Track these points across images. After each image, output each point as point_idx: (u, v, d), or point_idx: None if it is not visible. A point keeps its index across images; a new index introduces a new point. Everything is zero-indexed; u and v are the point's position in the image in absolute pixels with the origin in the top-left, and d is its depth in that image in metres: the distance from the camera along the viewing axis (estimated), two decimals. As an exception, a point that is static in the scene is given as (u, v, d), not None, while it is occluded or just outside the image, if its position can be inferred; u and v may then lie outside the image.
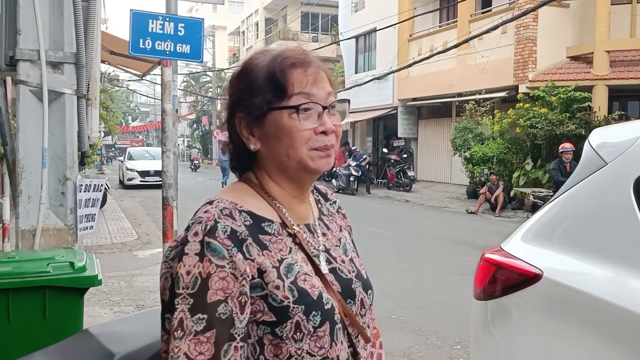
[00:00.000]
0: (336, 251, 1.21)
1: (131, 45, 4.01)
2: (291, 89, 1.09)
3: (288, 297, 1.03)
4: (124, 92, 50.20)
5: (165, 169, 4.24)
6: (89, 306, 6.06)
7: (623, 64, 15.44)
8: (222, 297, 0.99)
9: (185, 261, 1.00)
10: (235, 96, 1.13)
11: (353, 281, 1.18)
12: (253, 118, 1.10)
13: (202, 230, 1.01)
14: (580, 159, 2.10)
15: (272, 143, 1.11)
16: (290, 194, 1.16)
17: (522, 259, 2.09)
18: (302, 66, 1.11)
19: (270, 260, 1.05)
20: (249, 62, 1.14)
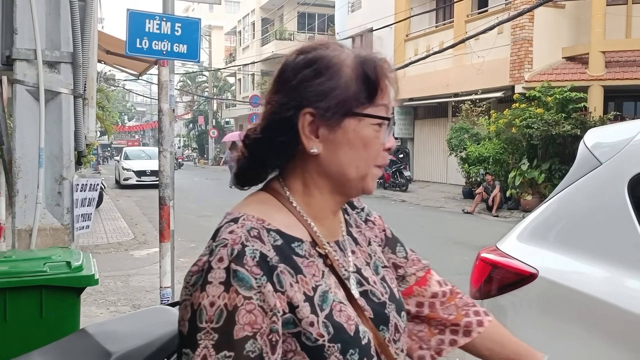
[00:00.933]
0: (367, 270, 1.09)
1: (128, 45, 4.01)
2: (380, 97, 0.99)
3: (323, 335, 0.92)
4: (120, 91, 50.19)
5: (162, 168, 4.24)
6: (85, 306, 6.06)
7: (618, 64, 15.50)
8: (249, 332, 0.87)
9: (208, 291, 0.88)
10: (310, 90, 0.97)
11: (386, 305, 1.06)
12: (326, 118, 0.97)
13: (227, 256, 0.89)
14: (576, 159, 2.12)
15: (341, 151, 0.99)
16: (329, 208, 1.05)
17: (517, 259, 2.10)
18: (392, 73, 1.02)
19: (305, 288, 0.94)
20: (328, 53, 1.00)
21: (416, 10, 20.37)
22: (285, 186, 1.03)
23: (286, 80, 1.00)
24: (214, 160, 43.42)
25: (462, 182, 17.74)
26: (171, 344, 2.25)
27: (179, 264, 8.25)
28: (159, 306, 2.72)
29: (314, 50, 1.01)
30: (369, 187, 1.03)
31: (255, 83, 41.04)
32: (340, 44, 1.04)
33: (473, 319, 1.24)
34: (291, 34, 37.34)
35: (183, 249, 9.39)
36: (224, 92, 48.03)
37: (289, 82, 0.99)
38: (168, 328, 2.29)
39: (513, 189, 14.61)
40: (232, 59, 45.67)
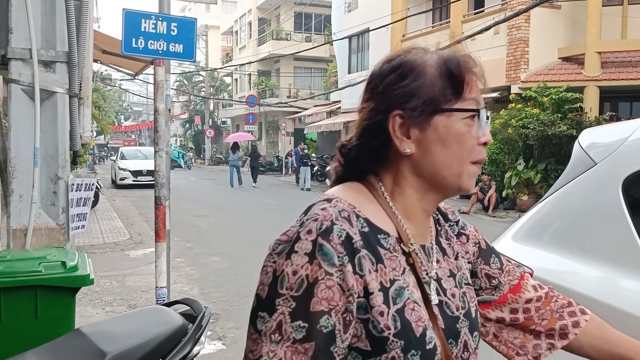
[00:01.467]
0: (448, 282, 1.08)
1: (124, 44, 4.00)
2: (467, 92, 1.01)
3: (390, 328, 0.92)
4: (117, 91, 50.07)
5: (158, 168, 4.24)
6: (80, 306, 6.04)
7: (614, 65, 15.54)
8: (325, 308, 0.89)
9: (293, 259, 0.90)
10: (397, 92, 1.00)
11: (460, 319, 1.05)
12: (417, 117, 0.99)
13: (316, 229, 0.91)
14: (570, 159, 2.12)
15: (434, 149, 1.00)
16: (421, 207, 1.05)
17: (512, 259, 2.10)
18: (476, 69, 1.04)
19: (382, 278, 0.95)
20: (411, 57, 1.03)
21: (413, 11, 20.40)
22: (382, 181, 1.05)
23: (374, 88, 1.03)
24: (211, 160, 43.38)
25: (458, 182, 17.75)
26: (167, 343, 2.25)
27: (175, 264, 8.26)
28: (154, 306, 2.72)
29: (397, 57, 1.04)
30: (466, 184, 1.03)
31: (252, 83, 41.04)
32: (424, 48, 1.07)
33: (568, 320, 1.22)
34: (288, 34, 37.34)
35: (179, 249, 9.39)
36: (220, 92, 47.99)
37: (376, 89, 1.03)
38: (163, 328, 2.30)
39: (509, 189, 14.64)
40: (229, 59, 45.64)
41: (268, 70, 40.48)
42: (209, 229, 11.82)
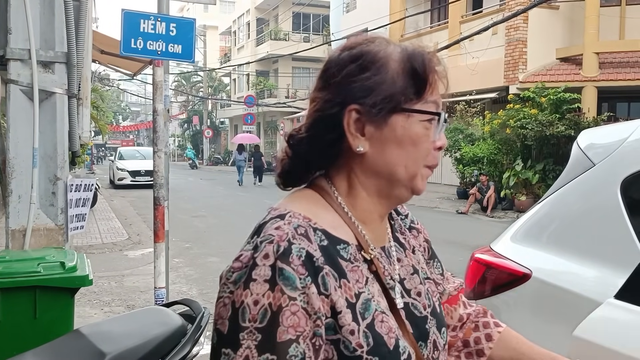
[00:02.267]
0: (411, 281, 1.04)
1: (122, 45, 4.00)
2: (429, 93, 0.95)
3: (362, 346, 0.87)
4: (115, 91, 50.04)
5: (157, 168, 4.24)
6: (79, 306, 6.02)
7: (612, 65, 15.58)
8: (293, 336, 0.83)
9: (252, 288, 0.84)
10: (355, 85, 0.93)
11: (428, 319, 1.02)
12: (372, 114, 0.92)
13: (273, 253, 0.85)
14: (569, 160, 2.13)
15: (389, 149, 0.94)
16: (377, 211, 1.00)
17: (511, 259, 2.11)
18: (440, 71, 0.97)
19: (347, 294, 0.90)
20: (374, 48, 0.95)
21: (411, 11, 20.42)
22: (332, 185, 0.98)
23: (331, 77, 0.96)
24: (209, 161, 43.37)
25: (456, 182, 17.78)
26: (166, 344, 2.25)
27: (174, 265, 8.25)
28: (153, 307, 2.73)
29: (358, 45, 0.96)
30: (419, 187, 0.98)
31: (250, 83, 41.04)
32: (386, 39, 0.99)
33: (481, 333, 1.20)
34: (286, 34, 37.34)
35: (177, 249, 9.39)
36: (218, 92, 47.99)
37: (333, 78, 0.95)
38: (162, 328, 2.30)
39: (507, 189, 14.65)
40: (227, 59, 45.63)
41: (266, 70, 40.49)
42: (208, 229, 11.81)
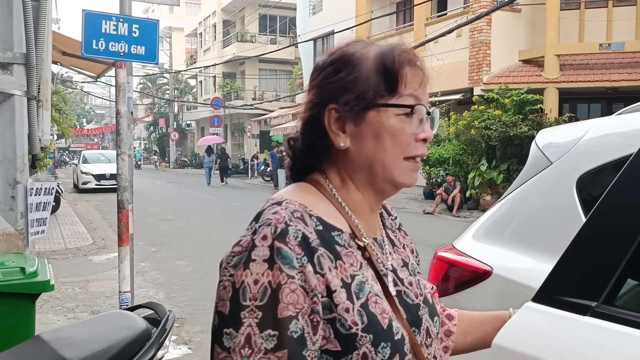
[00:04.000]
0: (403, 272, 1.09)
1: (84, 46, 3.93)
2: (403, 87, 0.99)
3: (357, 324, 0.91)
4: (78, 94, 49.12)
5: (121, 171, 4.17)
6: (41, 313, 5.91)
7: (572, 67, 15.96)
8: (293, 312, 0.87)
9: (252, 268, 0.88)
10: (331, 85, 1.00)
11: (420, 307, 1.07)
12: (350, 112, 0.98)
13: (271, 234, 0.89)
14: (528, 159, 2.17)
15: (367, 143, 1.00)
16: (367, 203, 1.06)
17: (473, 257, 2.14)
18: (415, 64, 1.01)
19: (343, 274, 0.94)
20: (351, 50, 1.02)
21: (377, 13, 20.55)
22: (328, 178, 1.04)
23: (312, 81, 1.04)
24: (175, 164, 42.91)
25: (423, 183, 17.96)
26: (130, 348, 2.23)
27: (140, 269, 8.14)
28: (117, 311, 2.69)
29: (339, 49, 1.04)
30: (401, 179, 1.02)
31: (217, 85, 40.77)
32: (366, 41, 1.05)
33: (443, 315, 1.25)
34: (252, 36, 37.21)
35: (144, 253, 9.27)
36: (185, 95, 47.55)
37: (313, 81, 1.03)
38: (126, 332, 2.27)
39: (472, 189, 14.86)
40: (193, 61, 45.23)
41: (233, 72, 40.28)
42: (174, 233, 11.69)
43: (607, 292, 1.30)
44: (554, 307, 1.33)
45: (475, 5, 16.43)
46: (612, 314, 1.28)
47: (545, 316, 1.33)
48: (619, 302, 1.37)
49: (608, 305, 1.29)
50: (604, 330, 1.27)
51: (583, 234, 1.41)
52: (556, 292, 1.36)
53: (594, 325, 1.27)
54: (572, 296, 1.33)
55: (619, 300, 1.38)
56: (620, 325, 1.25)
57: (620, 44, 15.43)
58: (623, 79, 14.88)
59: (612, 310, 1.29)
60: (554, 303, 1.33)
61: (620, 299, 1.39)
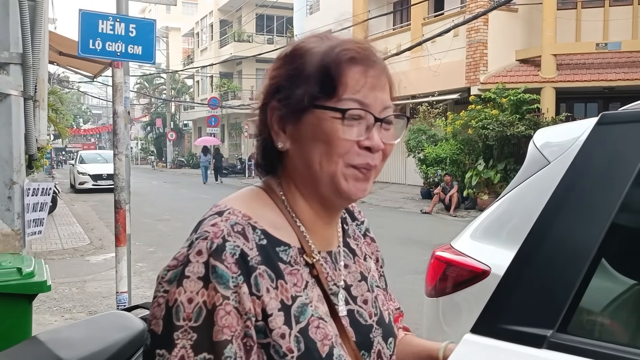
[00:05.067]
0: (358, 288, 1.01)
1: (80, 46, 3.92)
2: (342, 90, 0.88)
3: (292, 351, 0.85)
4: (75, 94, 49.06)
5: (118, 171, 4.16)
6: (38, 314, 5.90)
7: (569, 67, 15.98)
8: (228, 336, 0.81)
9: (186, 286, 0.81)
10: (275, 81, 0.93)
11: (373, 328, 0.99)
12: (289, 111, 0.90)
13: (207, 249, 0.83)
14: (526, 158, 2.17)
15: (305, 146, 0.91)
16: (317, 214, 0.97)
17: (471, 256, 2.14)
18: (363, 64, 0.90)
19: (284, 295, 0.87)
20: (301, 45, 0.93)
21: (374, 13, 20.56)
22: (280, 184, 0.97)
23: (268, 74, 0.96)
24: (172, 163, 42.86)
25: (420, 182, 17.97)
26: (127, 349, 2.21)
27: (137, 269, 8.13)
28: (113, 311, 2.67)
29: (297, 42, 0.95)
30: (343, 188, 0.91)
31: (214, 85, 40.72)
32: (329, 37, 0.95)
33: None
34: (249, 36, 37.19)
35: (141, 254, 9.25)
36: (182, 95, 47.49)
37: (269, 75, 0.96)
38: (123, 333, 2.26)
39: (470, 188, 14.88)
40: (190, 61, 45.20)
41: (230, 72, 40.24)
42: (172, 233, 11.67)
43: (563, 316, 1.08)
44: (500, 338, 1.09)
45: (472, 5, 16.44)
46: (572, 344, 1.05)
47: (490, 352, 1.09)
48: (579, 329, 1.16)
49: (565, 333, 1.07)
50: None
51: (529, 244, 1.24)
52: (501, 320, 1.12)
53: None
54: (522, 324, 1.09)
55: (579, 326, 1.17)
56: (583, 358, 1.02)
57: (616, 44, 15.46)
58: (620, 79, 14.91)
59: (571, 340, 1.06)
60: (499, 334, 1.10)
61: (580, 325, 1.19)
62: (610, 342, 1.12)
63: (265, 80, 0.96)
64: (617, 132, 1.43)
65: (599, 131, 1.49)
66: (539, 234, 1.25)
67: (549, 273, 1.16)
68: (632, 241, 1.48)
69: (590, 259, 1.13)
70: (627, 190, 1.25)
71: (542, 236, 1.23)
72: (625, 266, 1.56)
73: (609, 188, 1.28)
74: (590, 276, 1.14)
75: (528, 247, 1.23)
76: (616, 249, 1.44)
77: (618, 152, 1.37)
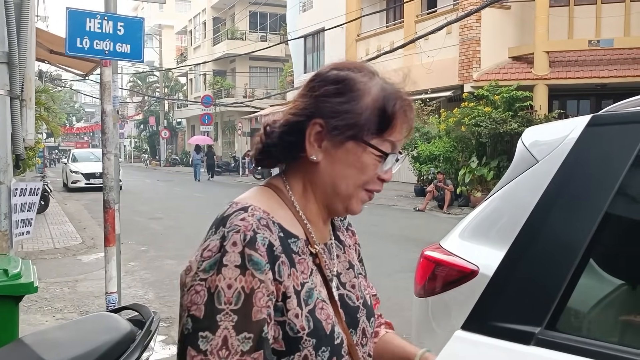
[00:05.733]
0: (347, 275, 1.16)
1: (68, 44, 3.87)
2: (389, 134, 1.06)
3: (304, 328, 0.99)
4: (68, 92, 48.80)
5: (106, 171, 4.13)
6: (29, 314, 5.86)
7: (562, 64, 16.01)
8: (265, 315, 0.94)
9: (225, 273, 0.93)
10: (327, 105, 1.04)
11: (359, 309, 1.14)
12: (334, 135, 1.04)
13: (241, 241, 0.94)
14: (514, 157, 2.16)
15: (337, 166, 1.06)
16: (320, 215, 1.12)
17: (459, 256, 2.13)
18: (409, 114, 1.09)
19: (295, 282, 1.01)
20: (357, 78, 1.06)
21: (367, 10, 20.54)
22: (288, 185, 1.10)
23: (312, 89, 1.07)
24: (166, 162, 42.74)
25: (414, 180, 17.98)
26: (114, 350, 2.20)
27: (129, 268, 8.10)
28: (100, 313, 2.65)
29: (347, 69, 1.07)
30: (353, 207, 1.09)
31: (207, 83, 40.61)
32: (373, 70, 1.09)
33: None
34: (243, 34, 37.08)
35: (133, 252, 9.22)
36: (175, 93, 47.32)
37: (313, 91, 1.06)
38: (110, 335, 2.24)
39: (463, 186, 14.89)
40: (183, 59, 45.06)
41: (223, 70, 40.14)
42: (164, 232, 11.64)
43: (551, 314, 1.10)
44: (490, 335, 1.12)
45: (464, 2, 16.43)
46: (560, 341, 1.07)
47: (480, 348, 1.12)
48: (567, 326, 1.17)
49: (553, 330, 1.09)
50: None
51: (520, 243, 1.25)
52: (491, 317, 1.15)
53: (540, 357, 1.06)
54: (511, 321, 1.12)
55: (566, 324, 1.18)
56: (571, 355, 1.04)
57: (609, 41, 15.49)
58: (612, 76, 14.94)
59: (559, 337, 1.08)
60: (489, 331, 1.13)
61: (567, 322, 1.20)
62: (598, 339, 1.14)
63: (309, 94, 1.06)
64: (607, 133, 1.43)
65: (589, 132, 1.48)
66: (530, 233, 1.26)
67: (538, 271, 1.18)
68: (620, 242, 1.48)
69: (579, 258, 1.14)
70: (615, 191, 1.25)
71: (533, 235, 1.25)
72: (613, 266, 1.56)
73: (598, 189, 1.28)
74: (578, 275, 1.15)
75: (519, 246, 1.25)
76: (604, 249, 1.44)
77: (608, 154, 1.37)
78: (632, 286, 1.55)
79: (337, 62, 1.10)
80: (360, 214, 1.24)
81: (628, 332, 1.47)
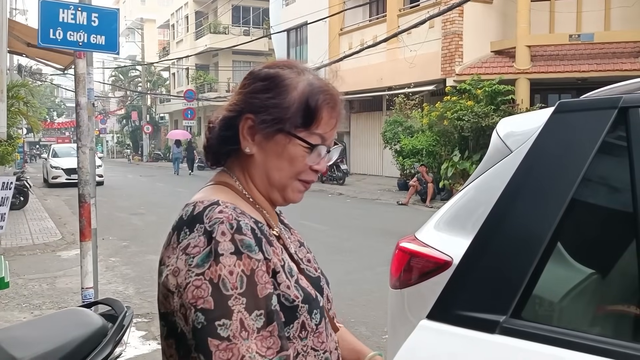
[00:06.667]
0: (300, 252, 1.25)
1: (40, 35, 3.80)
2: (315, 126, 1.12)
3: (298, 297, 1.07)
4: (48, 86, 48.21)
5: (82, 165, 4.08)
6: (6, 311, 5.79)
7: (543, 58, 16.11)
8: (270, 289, 1.01)
9: (224, 262, 0.98)
10: (255, 100, 1.12)
11: (321, 278, 1.24)
12: (263, 128, 1.11)
13: (228, 229, 1.00)
14: (488, 148, 2.15)
15: (269, 157, 1.13)
16: (265, 202, 1.19)
17: (434, 247, 2.12)
18: (335, 108, 1.15)
19: (277, 258, 1.08)
20: (285, 74, 1.13)
21: (350, 4, 20.52)
22: (237, 178, 1.17)
23: (244, 86, 1.15)
24: (149, 157, 42.42)
25: (397, 174, 18.03)
26: (85, 346, 2.16)
27: (110, 264, 8.03)
28: (71, 308, 2.61)
29: (277, 67, 1.15)
30: (290, 196, 1.17)
31: (190, 77, 40.33)
32: (304, 67, 1.17)
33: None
34: (225, 28, 36.85)
35: (114, 248, 9.15)
36: (157, 87, 46.93)
37: (244, 88, 1.15)
38: (81, 330, 2.20)
39: (446, 179, 14.96)
40: (166, 53, 44.68)
41: (206, 64, 39.88)
42: (146, 227, 11.54)
43: (516, 303, 1.09)
44: (455, 324, 1.13)
45: (447, -3, 16.46)
46: (525, 329, 1.07)
47: (444, 337, 1.12)
48: (533, 315, 1.16)
49: (518, 319, 1.09)
50: (517, 350, 1.06)
51: (484, 232, 1.23)
52: (455, 306, 1.15)
53: (504, 345, 1.07)
54: (475, 310, 1.12)
55: (533, 312, 1.18)
56: (536, 343, 1.04)
57: (589, 35, 15.60)
58: (592, 70, 15.06)
59: (525, 326, 1.08)
60: (453, 320, 1.13)
61: (533, 311, 1.19)
62: (566, 328, 1.13)
63: (241, 91, 1.15)
64: (573, 119, 1.43)
65: (555, 119, 1.48)
66: (494, 222, 1.26)
67: (503, 260, 1.18)
68: (589, 230, 1.47)
69: (544, 246, 1.13)
70: (581, 178, 1.25)
71: (498, 223, 1.25)
72: (583, 255, 1.56)
73: (564, 176, 1.27)
74: (544, 263, 1.14)
75: (483, 235, 1.24)
76: (574, 238, 1.44)
77: (574, 140, 1.36)
78: (602, 275, 1.55)
79: (271, 62, 1.19)
80: (342, 208, 1.25)
81: (597, 321, 1.47)
